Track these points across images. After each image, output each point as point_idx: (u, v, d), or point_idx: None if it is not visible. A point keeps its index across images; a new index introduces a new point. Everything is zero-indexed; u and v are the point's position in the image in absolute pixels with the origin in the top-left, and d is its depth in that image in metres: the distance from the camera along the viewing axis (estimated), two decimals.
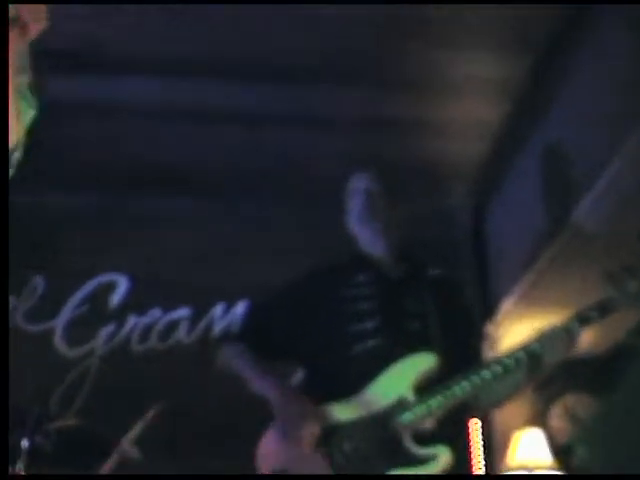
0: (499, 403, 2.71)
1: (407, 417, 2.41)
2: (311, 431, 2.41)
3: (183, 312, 4.47)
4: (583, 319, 2.43)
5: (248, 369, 2.62)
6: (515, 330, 4.22)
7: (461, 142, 4.25)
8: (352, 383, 2.49)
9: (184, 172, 4.35)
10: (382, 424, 2.42)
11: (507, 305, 4.39)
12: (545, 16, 3.46)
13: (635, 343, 4.25)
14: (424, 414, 2.41)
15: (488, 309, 4.47)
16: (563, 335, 2.42)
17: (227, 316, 4.47)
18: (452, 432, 2.48)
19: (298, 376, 3.49)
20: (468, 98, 4.00)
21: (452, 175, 4.46)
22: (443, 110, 4.08)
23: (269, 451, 2.49)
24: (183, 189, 4.42)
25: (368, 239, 2.72)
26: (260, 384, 2.57)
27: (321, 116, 4.08)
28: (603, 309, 2.43)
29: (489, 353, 2.74)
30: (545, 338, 2.43)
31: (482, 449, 4.33)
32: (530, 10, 3.39)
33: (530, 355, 2.43)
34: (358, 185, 2.75)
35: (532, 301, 4.19)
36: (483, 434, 4.34)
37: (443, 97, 4.01)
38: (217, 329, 4.45)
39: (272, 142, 4.19)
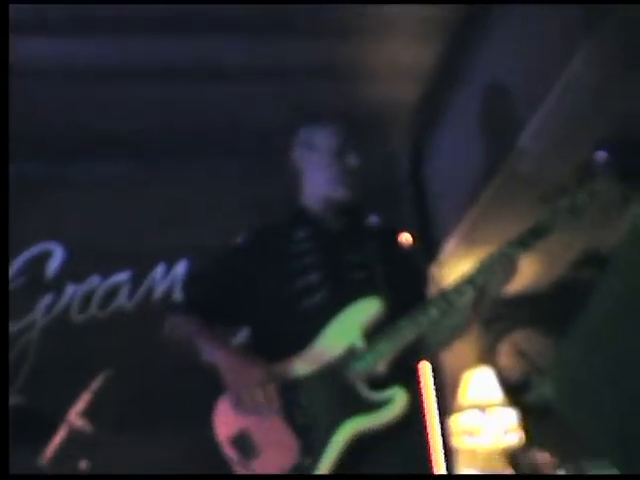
0: (448, 340, 2.70)
1: (359, 365, 2.41)
2: (265, 392, 2.39)
3: (122, 276, 4.37)
4: (520, 243, 2.42)
5: (195, 337, 2.58)
6: (458, 270, 4.20)
7: (395, 85, 4.20)
8: (302, 338, 2.48)
9: (119, 135, 4.22)
10: (335, 375, 2.42)
11: (449, 246, 4.40)
12: None
13: (577, 275, 4.31)
14: (375, 360, 2.41)
15: (430, 251, 4.47)
16: (502, 261, 2.41)
17: (168, 277, 4.38)
18: (405, 374, 2.49)
19: (242, 336, 3.49)
20: (400, 40, 3.94)
21: (388, 120, 4.40)
22: (375, 54, 4.01)
23: (225, 418, 2.46)
24: (118, 152, 4.29)
25: (311, 192, 2.72)
26: (208, 351, 2.54)
27: (255, 66, 3.98)
28: (538, 231, 2.43)
29: (432, 294, 2.75)
30: (485, 267, 2.42)
31: (434, 390, 4.34)
32: None
33: (473, 285, 2.42)
34: (301, 139, 2.75)
35: (474, 241, 4.21)
36: (434, 375, 4.36)
37: (374, 40, 3.93)
38: (158, 291, 4.36)
39: (206, 97, 4.08)
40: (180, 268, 4.38)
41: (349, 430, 2.37)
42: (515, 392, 4.25)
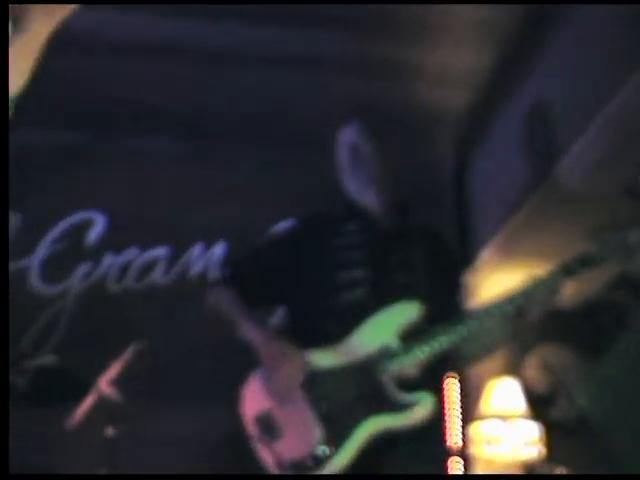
0: (482, 355, 2.74)
1: (391, 364, 2.43)
2: (295, 376, 2.43)
3: (160, 251, 4.42)
4: (567, 271, 2.43)
5: (236, 313, 2.62)
6: (492, 279, 4.22)
7: (448, 89, 4.19)
8: (337, 331, 2.50)
9: (168, 112, 4.26)
10: (365, 370, 2.43)
11: (485, 255, 4.40)
12: None
13: (611, 297, 4.29)
14: (409, 362, 2.42)
15: (467, 258, 4.46)
16: (547, 287, 2.42)
17: (205, 257, 4.42)
18: (435, 380, 2.51)
19: (278, 318, 3.52)
20: (458, 45, 3.93)
21: (437, 123, 4.40)
22: (433, 55, 4.00)
23: (253, 395, 2.50)
24: (166, 128, 4.32)
25: (358, 189, 2.72)
26: (247, 328, 2.57)
27: (306, 57, 3.99)
28: (586, 262, 2.44)
29: (467, 301, 2.78)
30: (530, 290, 2.43)
31: (458, 396, 4.34)
32: None
33: (515, 307, 2.43)
34: (345, 138, 2.74)
35: (509, 252, 4.20)
36: (460, 381, 4.35)
37: (434, 42, 3.93)
38: (194, 270, 4.40)
39: (256, 84, 4.11)
40: (218, 249, 4.41)
41: (372, 426, 2.39)
42: (539, 405, 4.23)
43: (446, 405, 4.20)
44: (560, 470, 3.84)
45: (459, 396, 4.32)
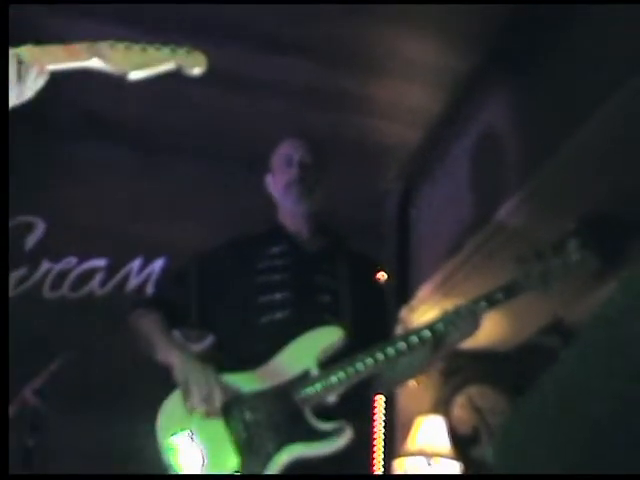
0: (401, 380, 2.77)
1: (308, 391, 2.41)
2: (214, 401, 2.39)
3: (99, 262, 4.37)
4: (488, 300, 2.45)
5: (155, 334, 2.59)
6: (429, 317, 4.25)
7: (399, 125, 4.22)
8: (258, 354, 2.49)
9: (118, 121, 4.23)
10: (284, 397, 2.41)
11: (424, 292, 4.41)
12: (494, 13, 3.43)
13: (543, 342, 4.34)
14: (325, 388, 2.40)
15: (404, 294, 4.49)
16: (467, 315, 2.44)
17: (144, 272, 4.38)
18: (354, 408, 2.48)
19: (206, 343, 3.49)
20: (412, 83, 3.98)
21: (385, 157, 4.44)
22: (386, 91, 4.04)
23: (170, 420, 2.44)
24: (116, 138, 4.29)
25: (289, 208, 2.72)
26: (164, 352, 2.54)
27: (263, 80, 4.00)
28: (508, 291, 2.46)
29: (395, 330, 2.79)
30: (449, 317, 2.44)
31: (384, 429, 4.34)
32: (482, 7, 3.37)
33: (434, 333, 2.44)
34: (289, 152, 2.74)
35: (449, 290, 4.22)
36: (388, 415, 4.36)
37: (389, 78, 3.97)
38: (132, 284, 4.36)
39: (215, 102, 4.11)
40: (158, 264, 4.38)
41: (289, 454, 2.35)
42: (462, 445, 4.25)
43: (372, 433, 4.21)
44: None
45: (385, 427, 4.32)
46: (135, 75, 2.00)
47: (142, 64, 1.99)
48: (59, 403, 3.46)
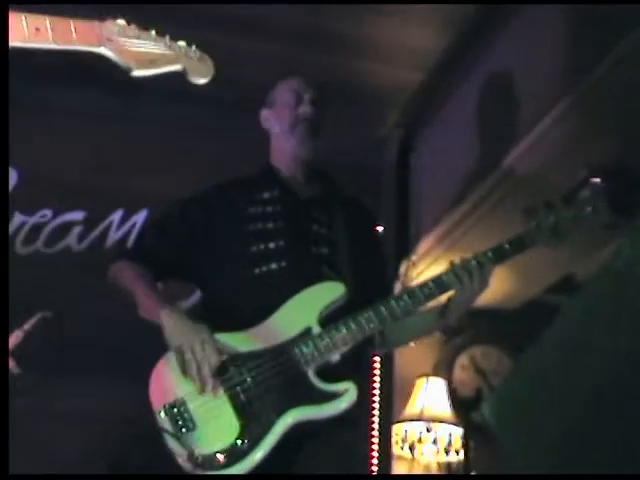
0: (406, 341, 2.67)
1: (311, 350, 2.26)
2: (209, 364, 2.21)
3: (77, 215, 4.10)
4: (497, 253, 2.36)
5: (139, 289, 2.39)
6: (431, 271, 4.10)
7: (399, 69, 4.05)
8: (252, 308, 2.33)
9: (97, 64, 3.97)
10: (285, 357, 2.26)
11: (425, 245, 4.27)
12: None
13: (552, 300, 4.22)
14: (328, 347, 2.27)
15: (405, 247, 4.34)
16: (475, 268, 2.33)
17: (126, 224, 4.12)
18: (357, 368, 2.36)
19: (193, 299, 3.30)
20: (413, 24, 3.81)
21: (385, 102, 4.25)
22: (385, 32, 3.85)
23: (162, 386, 2.26)
24: (96, 82, 4.03)
25: (288, 148, 2.56)
26: (151, 310, 2.34)
27: (257, 20, 3.81)
28: (518, 244, 2.38)
29: (396, 285, 2.67)
30: (456, 270, 2.34)
31: (383, 390, 4.26)
32: None
33: (440, 287, 2.34)
34: (298, 88, 2.59)
35: (452, 243, 4.07)
36: (385, 377, 4.27)
37: (387, 18, 3.78)
38: (112, 239, 4.11)
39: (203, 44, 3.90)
40: (141, 217, 4.12)
41: (293, 417, 2.21)
42: (463, 409, 4.14)
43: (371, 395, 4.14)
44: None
45: (384, 389, 4.26)
46: (139, 73, 2.05)
47: (149, 63, 2.05)
48: (33, 365, 3.35)
